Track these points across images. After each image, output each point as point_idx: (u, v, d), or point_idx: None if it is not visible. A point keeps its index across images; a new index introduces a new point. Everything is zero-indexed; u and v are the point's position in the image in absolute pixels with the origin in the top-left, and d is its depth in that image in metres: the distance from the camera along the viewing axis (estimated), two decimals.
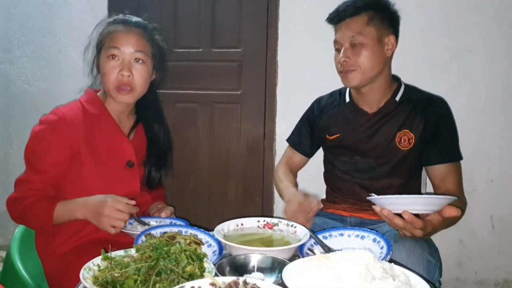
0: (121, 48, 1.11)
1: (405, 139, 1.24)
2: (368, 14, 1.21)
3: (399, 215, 0.93)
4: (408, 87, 1.32)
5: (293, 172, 1.47)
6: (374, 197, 0.97)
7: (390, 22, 1.25)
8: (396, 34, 1.27)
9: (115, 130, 1.17)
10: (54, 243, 1.09)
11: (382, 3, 1.26)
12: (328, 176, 1.41)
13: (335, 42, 1.27)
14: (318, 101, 1.46)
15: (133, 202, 1.05)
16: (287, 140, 1.52)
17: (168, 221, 1.14)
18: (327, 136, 1.37)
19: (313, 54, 1.88)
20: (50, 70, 2.21)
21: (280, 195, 1.38)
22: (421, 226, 0.93)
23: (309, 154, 1.47)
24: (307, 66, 1.90)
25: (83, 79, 1.26)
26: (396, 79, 1.34)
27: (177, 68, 2.00)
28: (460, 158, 1.27)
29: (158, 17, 1.90)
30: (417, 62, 1.77)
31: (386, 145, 1.26)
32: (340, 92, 1.42)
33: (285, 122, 1.91)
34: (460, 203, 1.17)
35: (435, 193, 1.26)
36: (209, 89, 2.02)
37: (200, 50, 2.02)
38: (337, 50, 1.27)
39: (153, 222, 1.14)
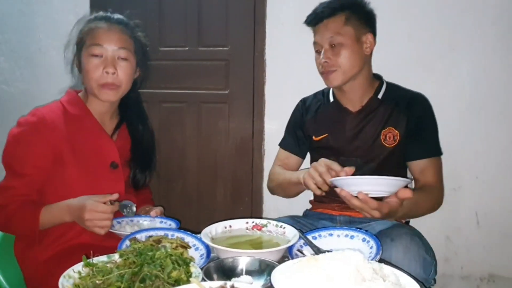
0: (104, 46, 1.09)
1: (390, 136, 1.26)
2: (345, 14, 1.24)
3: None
4: (389, 85, 1.34)
5: None
6: (332, 179, 1.01)
7: (366, 20, 1.28)
8: (373, 32, 1.30)
9: (98, 131, 1.14)
10: (35, 249, 1.05)
11: (357, 3, 1.29)
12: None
13: (315, 43, 1.29)
14: (303, 101, 1.46)
15: (115, 196, 1.00)
16: (280, 144, 1.49)
17: (158, 221, 1.11)
18: (313, 137, 1.37)
19: (301, 53, 1.86)
20: (30, 70, 2.13)
21: (285, 186, 1.31)
22: (375, 206, 0.96)
23: (304, 155, 1.47)
24: (295, 65, 1.88)
25: (64, 79, 1.22)
26: (377, 78, 1.35)
27: (163, 67, 1.97)
28: (440, 153, 1.30)
29: (143, 15, 1.86)
30: (402, 61, 1.78)
31: (372, 143, 1.28)
32: (324, 92, 1.42)
33: (274, 121, 1.89)
34: (432, 193, 1.22)
35: (414, 188, 1.27)
36: (196, 88, 2.00)
37: (187, 48, 1.99)
38: (317, 52, 1.29)
39: (142, 221, 1.11)
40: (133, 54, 1.14)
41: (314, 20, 1.28)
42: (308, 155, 1.47)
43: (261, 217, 1.97)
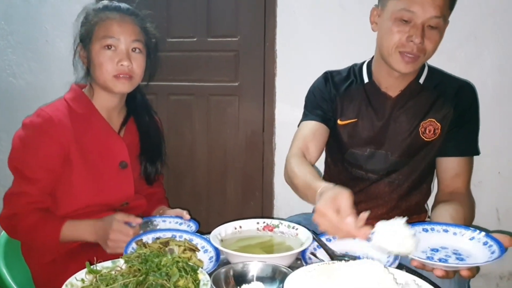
0: (117, 38, 1.05)
1: (430, 129, 1.12)
2: None
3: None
4: (432, 69, 1.19)
5: (314, 158, 1.18)
6: (432, 263, 0.78)
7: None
8: None
9: (106, 129, 1.10)
10: (40, 249, 1.04)
11: None
12: (333, 176, 1.26)
13: (406, 10, 1.01)
14: (330, 74, 1.24)
15: (139, 220, 0.98)
16: (303, 119, 1.24)
17: (174, 221, 1.09)
18: (338, 120, 1.19)
19: (313, 43, 1.79)
20: (38, 62, 2.11)
21: (302, 195, 1.04)
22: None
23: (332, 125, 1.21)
24: (307, 55, 1.81)
25: (72, 71, 1.18)
26: None
27: (171, 58, 1.92)
28: (477, 153, 1.17)
29: (150, 5, 1.80)
30: None
31: (407, 136, 1.13)
32: (354, 70, 1.22)
33: (285, 114, 1.83)
34: (470, 210, 1.08)
35: (440, 191, 1.14)
36: (205, 80, 1.94)
37: (195, 39, 1.93)
38: (403, 21, 1.03)
39: (159, 221, 1.09)
40: (145, 46, 1.10)
41: None
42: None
43: (272, 213, 1.95)
